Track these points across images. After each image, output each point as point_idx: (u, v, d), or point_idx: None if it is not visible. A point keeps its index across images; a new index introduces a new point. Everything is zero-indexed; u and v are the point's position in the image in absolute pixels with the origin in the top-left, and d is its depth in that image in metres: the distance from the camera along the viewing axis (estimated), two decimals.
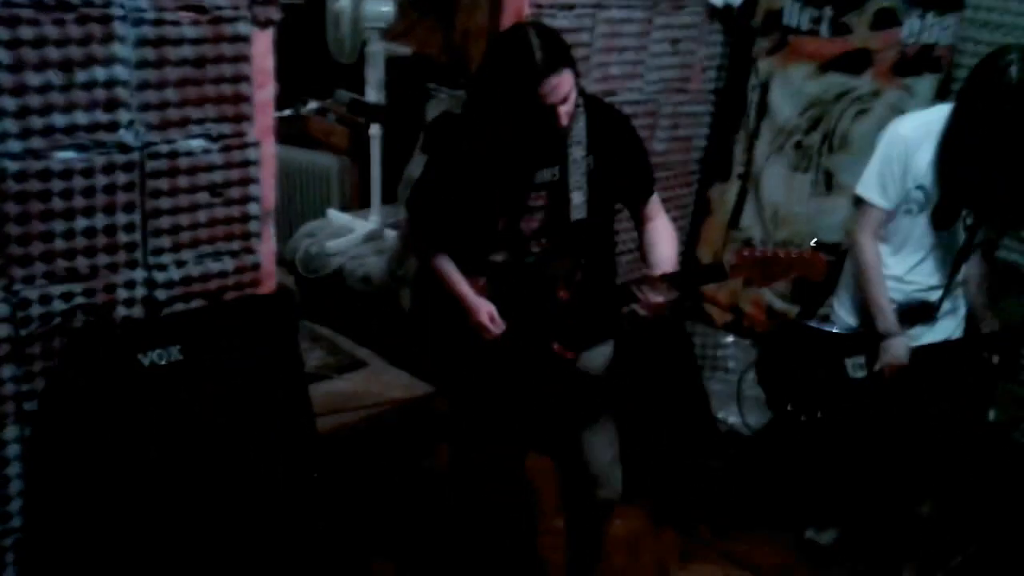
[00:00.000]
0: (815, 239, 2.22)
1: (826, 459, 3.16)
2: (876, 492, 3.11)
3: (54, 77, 2.07)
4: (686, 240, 4.08)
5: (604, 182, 2.30)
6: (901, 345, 2.71)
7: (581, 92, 2.24)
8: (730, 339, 4.00)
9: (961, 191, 2.60)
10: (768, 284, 2.45)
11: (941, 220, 2.66)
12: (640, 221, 2.45)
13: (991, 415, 3.25)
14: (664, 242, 2.39)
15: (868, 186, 2.72)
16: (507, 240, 2.32)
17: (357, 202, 5.03)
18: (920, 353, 2.73)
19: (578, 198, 2.26)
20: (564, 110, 2.12)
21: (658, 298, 2.22)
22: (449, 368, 2.56)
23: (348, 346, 4.18)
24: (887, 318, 2.72)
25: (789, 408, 2.89)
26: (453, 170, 2.33)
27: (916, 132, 2.64)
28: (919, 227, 2.69)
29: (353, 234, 4.46)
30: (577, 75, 2.16)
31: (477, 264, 2.36)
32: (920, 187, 2.64)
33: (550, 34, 2.16)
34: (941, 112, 2.63)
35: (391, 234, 4.39)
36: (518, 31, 2.20)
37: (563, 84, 2.10)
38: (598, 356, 2.47)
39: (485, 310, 2.32)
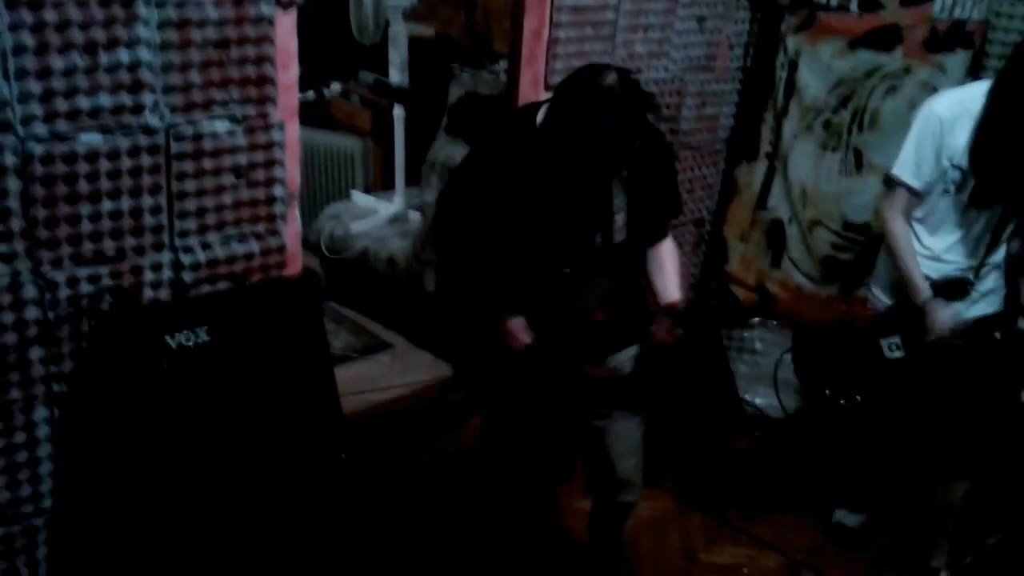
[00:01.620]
0: None
1: (862, 442, 3.13)
2: (908, 474, 3.09)
3: (78, 60, 2.07)
4: (712, 221, 4.04)
5: (639, 203, 2.29)
6: (944, 309, 2.66)
7: None
8: (757, 320, 3.96)
9: (998, 172, 2.55)
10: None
11: (979, 200, 2.61)
12: (652, 241, 2.44)
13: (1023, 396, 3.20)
14: (672, 269, 2.41)
15: (902, 166, 2.68)
16: (548, 258, 2.30)
17: (380, 184, 5.03)
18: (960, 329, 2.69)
19: (619, 220, 2.26)
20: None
21: (675, 332, 2.26)
22: (474, 355, 2.56)
23: (373, 328, 4.19)
24: (922, 290, 2.68)
25: (827, 392, 2.85)
26: (497, 187, 2.28)
27: (951, 111, 2.59)
28: (956, 206, 2.65)
29: (377, 216, 4.46)
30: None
31: (514, 279, 2.34)
32: (957, 167, 2.59)
33: (637, 95, 2.10)
34: (977, 90, 2.58)
35: (415, 216, 4.38)
36: (605, 92, 2.07)
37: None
38: (624, 357, 2.47)
39: (515, 321, 2.32)
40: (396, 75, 4.41)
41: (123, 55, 2.13)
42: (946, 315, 2.66)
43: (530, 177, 2.21)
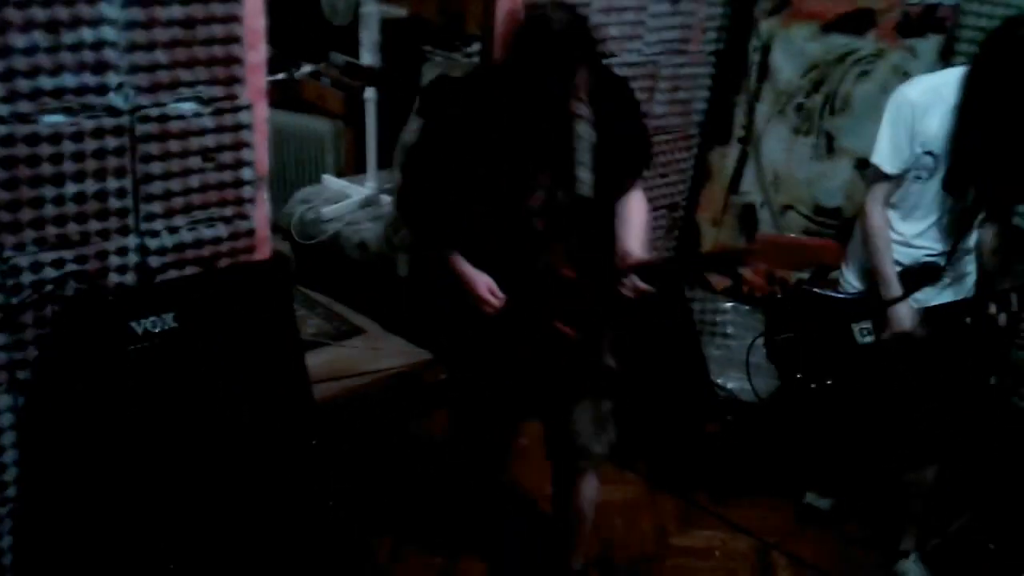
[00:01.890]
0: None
1: (833, 425, 3.15)
2: (878, 457, 3.11)
3: (40, 39, 2.02)
4: (686, 205, 4.04)
5: (606, 157, 2.26)
6: (907, 311, 2.69)
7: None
8: (729, 305, 3.97)
9: (972, 160, 2.57)
10: (784, 268, 2.41)
11: (952, 186, 2.63)
12: (620, 193, 2.41)
13: (992, 380, 3.24)
14: (637, 223, 2.36)
15: (877, 152, 2.69)
16: (511, 216, 2.28)
17: (352, 167, 4.99)
18: (929, 315, 2.72)
19: (584, 175, 2.23)
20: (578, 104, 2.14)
21: (643, 284, 2.21)
22: (450, 337, 2.54)
23: (345, 313, 4.16)
24: (892, 286, 2.70)
25: (798, 376, 2.87)
26: (457, 143, 2.28)
27: (924, 97, 2.60)
28: (929, 193, 2.66)
29: (349, 200, 4.43)
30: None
31: (479, 240, 2.32)
32: (929, 153, 2.60)
33: (579, 24, 2.13)
34: (950, 76, 2.59)
35: (387, 200, 4.35)
36: (550, 22, 2.11)
37: (580, 78, 2.11)
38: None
39: (484, 283, 2.28)
40: (368, 56, 4.36)
41: (87, 34, 2.08)
42: (907, 316, 2.69)
43: (487, 136, 2.21)
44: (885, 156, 2.66)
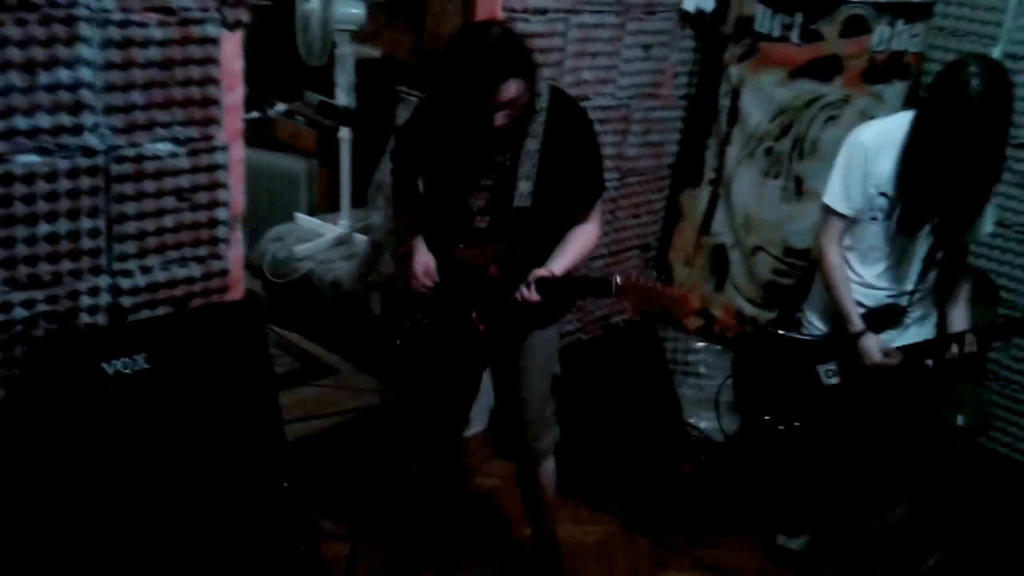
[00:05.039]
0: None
1: (800, 466, 3.17)
2: (848, 498, 3.13)
3: (16, 79, 2.02)
4: (657, 245, 4.08)
5: (552, 177, 2.37)
6: (874, 343, 2.72)
7: (547, 89, 2.40)
8: (701, 345, 4.00)
9: (921, 200, 2.62)
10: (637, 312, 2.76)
11: (906, 227, 2.68)
12: (572, 221, 2.51)
13: (960, 420, 3.28)
14: (572, 248, 2.47)
15: (830, 193, 2.75)
16: (457, 212, 2.44)
17: (325, 206, 4.99)
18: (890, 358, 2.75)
19: (524, 187, 2.35)
20: (500, 114, 2.22)
21: (533, 296, 2.35)
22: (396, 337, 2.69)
23: (317, 352, 4.14)
24: (853, 320, 2.74)
25: (766, 418, 2.89)
26: (419, 139, 2.51)
27: (876, 139, 2.66)
28: (885, 234, 2.71)
29: (322, 238, 4.42)
30: (531, 80, 2.26)
31: (435, 229, 2.51)
32: (883, 194, 2.66)
33: (507, 40, 2.24)
34: (902, 119, 2.65)
35: (360, 239, 4.35)
36: (478, 32, 2.32)
37: (506, 92, 2.19)
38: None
39: (423, 261, 2.49)
40: (343, 96, 4.38)
41: (63, 75, 2.09)
42: (874, 348, 2.73)
43: (442, 137, 2.40)
44: (837, 196, 2.74)
